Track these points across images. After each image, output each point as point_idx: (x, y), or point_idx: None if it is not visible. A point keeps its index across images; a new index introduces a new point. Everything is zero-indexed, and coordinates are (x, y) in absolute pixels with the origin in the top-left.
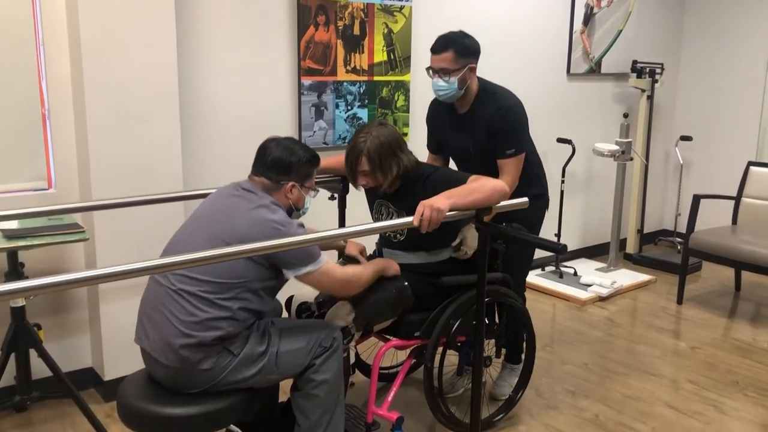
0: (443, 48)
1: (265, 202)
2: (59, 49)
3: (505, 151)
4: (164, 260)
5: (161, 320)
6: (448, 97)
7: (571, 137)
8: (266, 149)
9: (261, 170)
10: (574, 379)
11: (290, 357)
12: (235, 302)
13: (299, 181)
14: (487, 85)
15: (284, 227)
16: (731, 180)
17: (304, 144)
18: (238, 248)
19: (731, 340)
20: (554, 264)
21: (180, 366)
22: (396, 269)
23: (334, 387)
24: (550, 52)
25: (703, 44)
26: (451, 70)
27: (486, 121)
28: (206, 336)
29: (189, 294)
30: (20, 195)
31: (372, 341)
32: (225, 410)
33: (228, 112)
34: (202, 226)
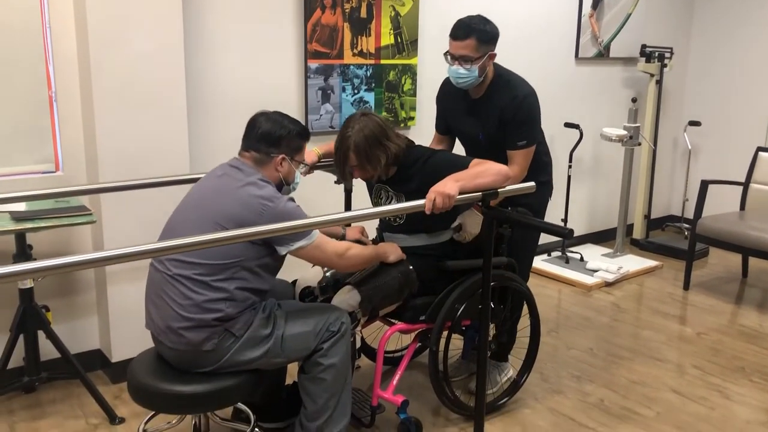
0: (465, 35)
1: (252, 179)
2: (66, 31)
3: (516, 142)
4: (165, 244)
5: (162, 305)
6: (467, 85)
7: (579, 122)
8: (255, 123)
9: (251, 144)
10: (580, 363)
11: (296, 341)
12: (231, 282)
13: (289, 154)
14: (503, 71)
15: (273, 202)
16: (740, 166)
17: (293, 118)
18: (235, 233)
19: (737, 326)
20: (560, 249)
21: (183, 348)
22: (399, 255)
23: (341, 371)
24: (558, 36)
25: (714, 28)
26: (473, 58)
27: (499, 110)
28: (205, 318)
29: (184, 278)
30: (27, 177)
31: (377, 325)
32: (232, 389)
33: (234, 94)
34: (193, 209)
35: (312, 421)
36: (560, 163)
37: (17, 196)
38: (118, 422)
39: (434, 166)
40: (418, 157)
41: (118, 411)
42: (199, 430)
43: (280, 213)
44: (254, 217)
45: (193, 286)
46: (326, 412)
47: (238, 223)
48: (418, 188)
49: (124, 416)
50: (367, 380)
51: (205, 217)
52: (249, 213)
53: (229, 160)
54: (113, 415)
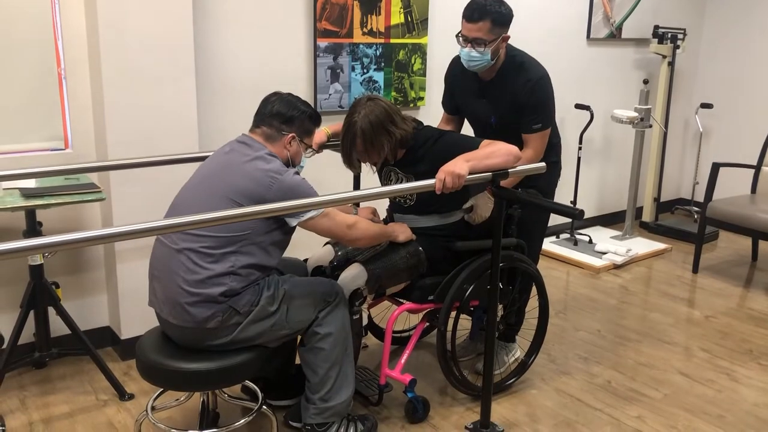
0: (480, 17)
1: (260, 154)
2: (75, 8)
3: (531, 125)
4: (177, 220)
5: (167, 280)
6: (479, 68)
7: (590, 103)
8: (269, 101)
9: (263, 119)
10: (587, 345)
11: (299, 311)
12: (238, 257)
13: (300, 135)
14: (515, 52)
15: (281, 175)
16: (751, 148)
17: (306, 102)
18: (250, 209)
19: (746, 310)
20: (569, 231)
21: (188, 326)
22: (408, 235)
23: (338, 340)
24: (569, 17)
25: (727, 9)
26: (486, 41)
27: (513, 93)
28: (210, 293)
29: (191, 251)
30: (37, 155)
31: (385, 305)
32: (240, 366)
33: (244, 73)
34: (201, 185)
35: (315, 393)
36: (570, 145)
37: (27, 172)
38: (127, 398)
39: (443, 146)
40: (427, 139)
41: (128, 387)
42: (208, 407)
43: (288, 186)
44: (263, 191)
45: (199, 260)
46: (328, 382)
47: (248, 197)
48: (427, 169)
49: (133, 392)
50: (375, 359)
51: (214, 193)
52: (258, 186)
53: (237, 137)
54: (122, 392)
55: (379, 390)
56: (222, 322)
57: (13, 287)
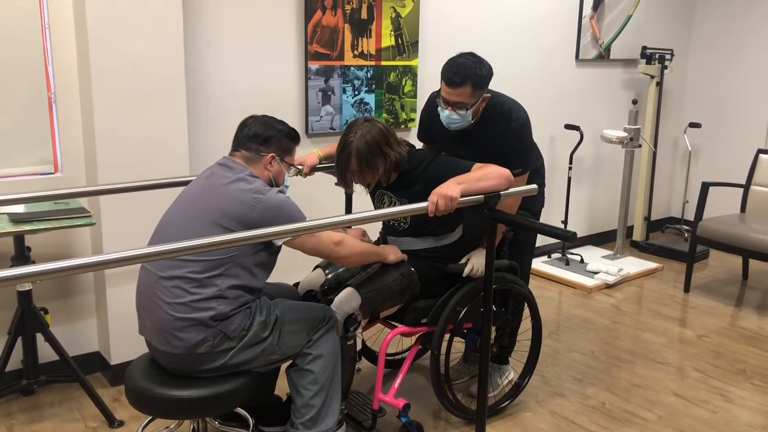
0: (461, 82)
1: (241, 176)
2: (65, 32)
3: (512, 169)
4: (166, 247)
5: (155, 309)
6: (459, 128)
7: (579, 123)
8: (246, 124)
9: (241, 143)
10: (581, 366)
11: (291, 338)
12: (224, 279)
13: (279, 154)
14: (495, 100)
15: (264, 195)
16: (740, 168)
17: (284, 121)
18: (237, 235)
19: (738, 329)
20: (561, 251)
21: (179, 352)
22: (399, 256)
23: (328, 364)
24: (559, 38)
25: (714, 30)
26: (467, 105)
27: (495, 141)
28: (199, 317)
29: (177, 278)
30: (26, 179)
31: (378, 328)
32: (230, 394)
33: (235, 96)
34: (184, 210)
35: (299, 417)
36: (560, 165)
37: (16, 197)
38: (117, 425)
39: (436, 169)
40: (420, 161)
41: (117, 414)
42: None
43: (272, 205)
44: (247, 211)
45: (184, 285)
46: (313, 409)
47: (232, 218)
48: (420, 192)
49: (123, 419)
50: (368, 383)
51: (197, 217)
52: (241, 207)
53: (218, 160)
54: (112, 418)
55: (372, 415)
56: (212, 347)
57: (0, 313)
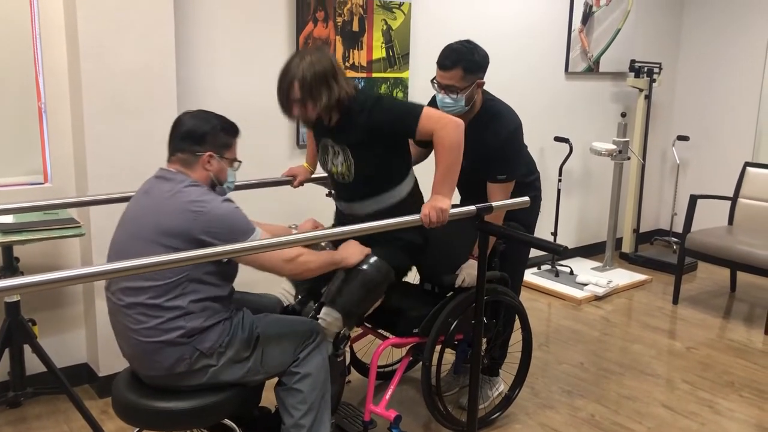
0: (452, 65)
1: (178, 187)
2: (56, 42)
3: (496, 175)
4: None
5: (125, 335)
6: (454, 113)
7: (569, 136)
8: (179, 122)
9: (176, 145)
10: (570, 378)
11: (275, 357)
12: (184, 298)
13: (217, 151)
14: (490, 102)
15: (204, 206)
16: (728, 180)
17: (219, 114)
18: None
19: (726, 341)
20: (550, 263)
21: (159, 374)
22: (359, 257)
23: (317, 382)
24: (548, 50)
25: (701, 44)
26: (458, 88)
27: (485, 143)
28: (168, 338)
29: (137, 305)
30: (16, 189)
31: (369, 339)
32: (217, 405)
33: (226, 107)
34: (126, 232)
35: None
36: (550, 177)
37: (5, 208)
38: None
39: (380, 118)
40: (364, 102)
41: (105, 426)
42: None
43: (215, 216)
44: (188, 225)
45: (147, 311)
46: (303, 428)
47: (175, 236)
48: (359, 141)
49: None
50: (359, 394)
51: (139, 240)
52: (182, 222)
53: (156, 172)
54: (100, 431)
55: (363, 426)
56: (190, 365)
57: None
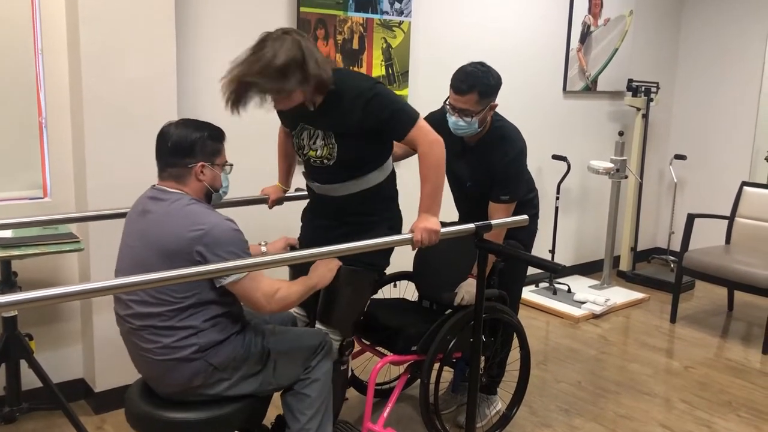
0: (468, 89)
1: (174, 207)
2: (58, 58)
3: (500, 196)
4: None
5: (138, 355)
6: (465, 135)
7: (567, 154)
8: (165, 135)
9: (166, 160)
10: (568, 397)
11: (286, 368)
12: (196, 318)
13: (207, 160)
14: (498, 123)
15: (203, 228)
16: (725, 199)
17: (203, 121)
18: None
19: (724, 360)
20: (548, 280)
21: (174, 390)
22: (330, 276)
23: (324, 388)
24: (546, 70)
25: (698, 64)
26: (473, 112)
27: (490, 164)
28: (182, 356)
29: (149, 327)
30: (15, 203)
31: (367, 356)
32: (229, 416)
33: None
34: (133, 257)
35: None
36: (548, 195)
37: (4, 223)
38: None
39: (376, 110)
40: (359, 89)
41: None
42: None
43: (214, 238)
44: (188, 248)
45: (159, 332)
46: None
47: (178, 257)
48: (350, 126)
49: None
50: (356, 412)
51: (146, 266)
52: (180, 246)
53: (147, 191)
54: None
55: None
56: (206, 379)
57: None
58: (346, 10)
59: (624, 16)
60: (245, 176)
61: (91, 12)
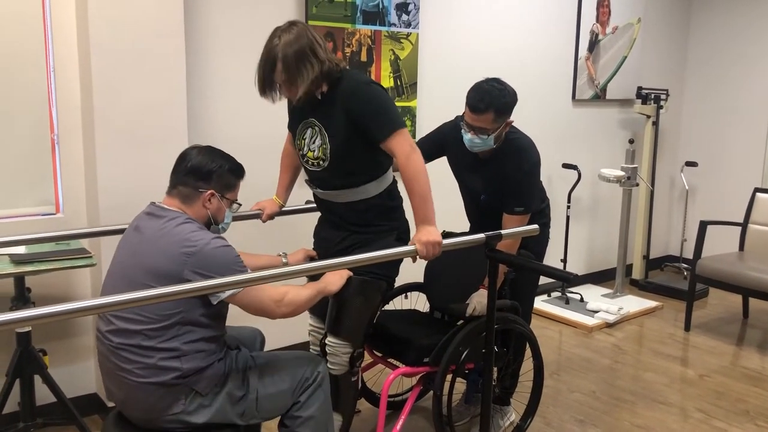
0: (484, 109)
1: (169, 225)
2: (70, 76)
3: (514, 207)
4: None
5: (115, 375)
6: (480, 150)
7: (577, 163)
8: (186, 156)
9: (179, 178)
10: (583, 407)
11: (272, 401)
12: (178, 339)
13: (219, 191)
14: (513, 135)
15: (195, 245)
16: (737, 206)
17: (228, 154)
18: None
19: (740, 368)
20: (560, 290)
21: (154, 416)
22: (341, 282)
23: (320, 426)
24: (555, 78)
25: (708, 70)
26: (489, 130)
27: (505, 176)
28: (162, 380)
29: (130, 346)
30: (28, 219)
31: (379, 368)
32: None
33: (237, 139)
34: (120, 271)
35: None
36: (559, 204)
37: (17, 239)
38: None
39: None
40: (354, 82)
41: None
42: None
43: (202, 258)
44: (179, 267)
45: (140, 351)
46: None
47: (163, 277)
48: (339, 118)
49: None
50: (368, 425)
51: (131, 281)
52: (172, 263)
53: (146, 207)
54: None
55: None
56: (186, 405)
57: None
58: (354, 23)
59: (632, 24)
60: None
61: (102, 34)
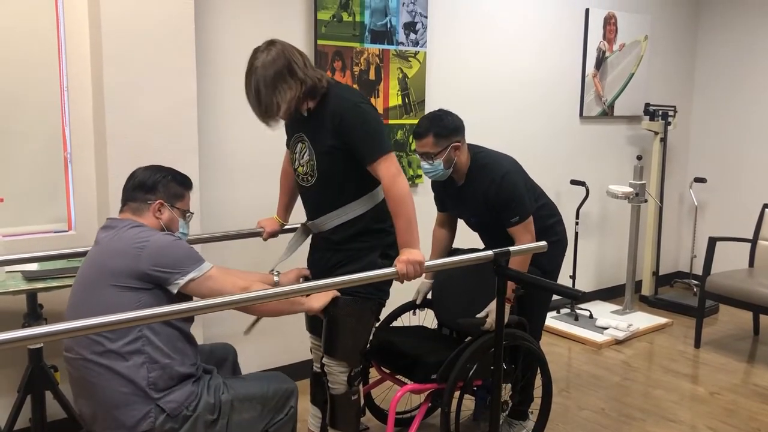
0: (424, 132)
1: (122, 231)
2: (83, 94)
3: (510, 220)
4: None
5: (88, 390)
6: (436, 178)
7: (585, 179)
8: (133, 174)
9: (128, 195)
10: (592, 425)
11: (243, 427)
12: (141, 341)
13: (168, 200)
14: (477, 157)
15: (147, 239)
16: (747, 222)
17: (174, 168)
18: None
19: (751, 386)
20: (569, 306)
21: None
22: (322, 300)
23: None
24: (562, 96)
25: (715, 87)
26: (433, 154)
27: (483, 194)
28: (131, 389)
29: (96, 354)
30: (40, 236)
31: (387, 385)
32: None
33: (247, 155)
34: (81, 280)
35: None
36: (567, 220)
37: (30, 257)
38: None
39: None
40: (342, 100)
41: None
42: None
43: (155, 249)
44: (133, 262)
45: (108, 361)
46: None
47: (123, 275)
48: (325, 134)
49: None
50: None
51: (92, 286)
52: (126, 260)
53: (103, 225)
54: None
55: None
56: (153, 425)
57: (9, 369)
58: (363, 42)
59: (639, 41)
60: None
61: (114, 51)
